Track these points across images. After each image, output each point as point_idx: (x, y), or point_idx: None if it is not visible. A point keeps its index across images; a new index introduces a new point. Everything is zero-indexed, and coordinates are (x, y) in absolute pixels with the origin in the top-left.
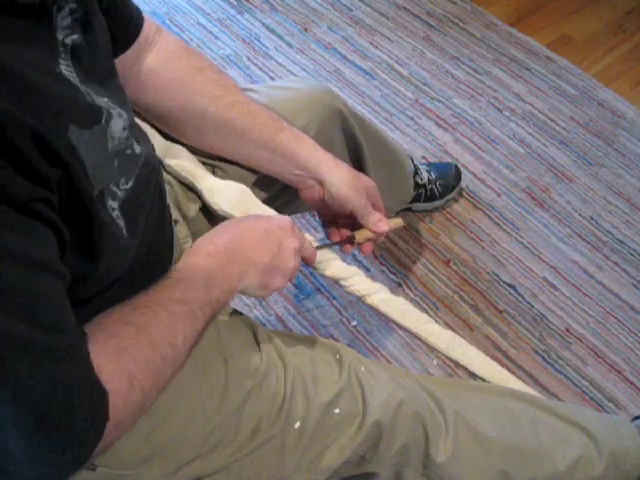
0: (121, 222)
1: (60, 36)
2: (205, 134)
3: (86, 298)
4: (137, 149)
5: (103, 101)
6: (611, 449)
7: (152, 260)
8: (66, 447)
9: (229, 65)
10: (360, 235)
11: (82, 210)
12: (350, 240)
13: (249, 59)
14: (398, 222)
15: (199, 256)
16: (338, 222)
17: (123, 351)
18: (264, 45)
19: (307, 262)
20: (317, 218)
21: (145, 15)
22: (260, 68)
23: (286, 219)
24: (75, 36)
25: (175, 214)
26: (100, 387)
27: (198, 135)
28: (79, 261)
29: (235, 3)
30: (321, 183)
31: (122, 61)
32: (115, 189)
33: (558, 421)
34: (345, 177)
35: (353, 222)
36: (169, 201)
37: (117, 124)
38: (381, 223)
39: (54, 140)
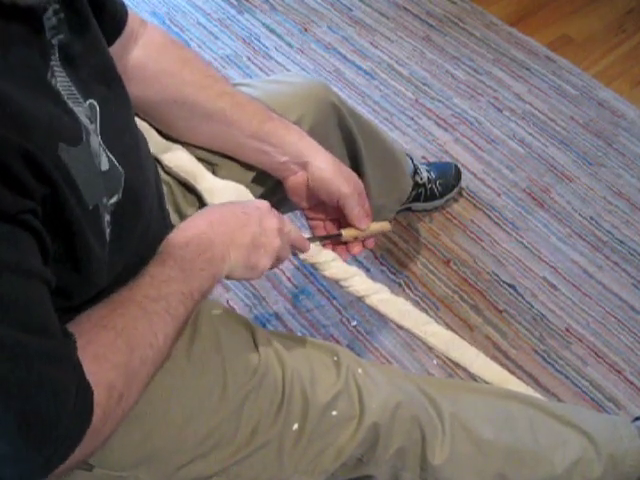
0: (108, 238)
1: (48, 36)
2: (195, 126)
3: (76, 307)
4: (105, 165)
5: (86, 110)
6: (610, 451)
7: None
8: (50, 445)
9: (229, 65)
10: (347, 232)
11: (66, 225)
12: (337, 238)
13: (249, 59)
14: (384, 225)
15: (174, 247)
16: (325, 223)
17: (102, 358)
18: (264, 45)
19: (299, 249)
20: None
21: (129, 9)
22: (260, 68)
23: (263, 201)
24: (61, 36)
25: (173, 218)
26: (87, 389)
27: (188, 127)
28: (62, 271)
29: (235, 3)
30: (305, 167)
31: None
32: (108, 204)
33: (557, 423)
34: (330, 161)
35: (340, 221)
36: (167, 205)
37: (94, 141)
38: (365, 218)
39: (45, 160)
